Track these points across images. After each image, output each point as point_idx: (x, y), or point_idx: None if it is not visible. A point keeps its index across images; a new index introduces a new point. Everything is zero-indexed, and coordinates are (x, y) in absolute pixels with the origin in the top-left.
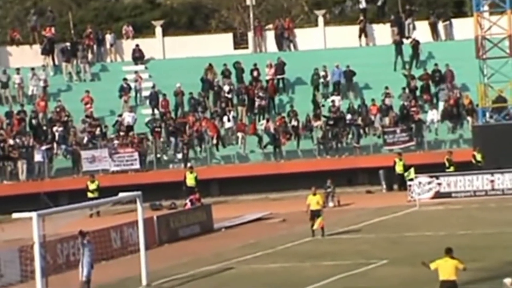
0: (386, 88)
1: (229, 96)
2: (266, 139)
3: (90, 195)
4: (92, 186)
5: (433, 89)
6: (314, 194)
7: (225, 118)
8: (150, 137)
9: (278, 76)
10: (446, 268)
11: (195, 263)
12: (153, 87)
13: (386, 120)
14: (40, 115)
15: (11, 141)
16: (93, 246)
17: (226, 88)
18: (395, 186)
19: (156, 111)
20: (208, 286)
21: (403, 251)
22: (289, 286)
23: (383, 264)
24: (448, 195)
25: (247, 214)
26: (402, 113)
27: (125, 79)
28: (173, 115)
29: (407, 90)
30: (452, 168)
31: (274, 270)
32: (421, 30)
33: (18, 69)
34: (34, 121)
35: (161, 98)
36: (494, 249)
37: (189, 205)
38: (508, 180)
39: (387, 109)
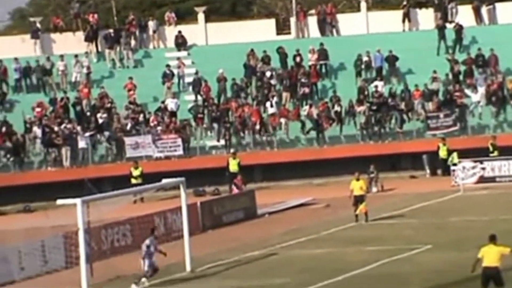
0: (434, 72)
1: (272, 82)
2: (309, 124)
3: (133, 181)
4: (136, 173)
5: (476, 74)
6: (358, 180)
7: (267, 104)
8: (193, 123)
9: (321, 62)
10: (489, 255)
11: (238, 249)
12: (196, 73)
13: (430, 105)
14: (84, 102)
15: (55, 128)
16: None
17: (268, 73)
18: (439, 171)
19: (199, 97)
20: (252, 272)
21: (447, 236)
22: (333, 271)
23: (427, 249)
24: (492, 179)
25: (290, 199)
26: (446, 97)
27: (168, 66)
28: (216, 101)
29: (450, 75)
30: (496, 153)
31: (318, 255)
32: (464, 14)
33: (61, 56)
34: (77, 108)
35: (203, 84)
36: None
37: (235, 189)
38: None
39: (431, 94)
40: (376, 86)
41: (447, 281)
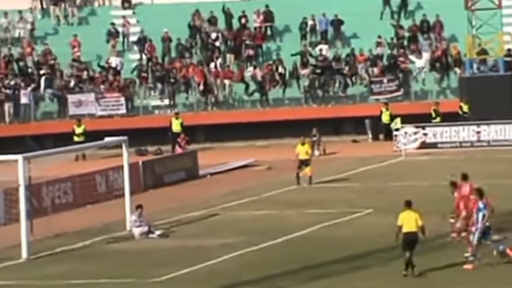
0: (379, 37)
1: (216, 43)
2: (253, 86)
3: (76, 139)
4: (79, 130)
5: (421, 40)
6: (303, 144)
7: (212, 65)
8: (137, 82)
9: (266, 24)
10: (408, 221)
11: (180, 209)
12: (141, 32)
13: (374, 70)
14: (27, 58)
15: None
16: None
17: (214, 35)
18: (381, 136)
19: (143, 57)
20: (193, 232)
21: (388, 201)
22: (274, 233)
23: (368, 213)
24: (434, 145)
25: (232, 161)
26: (390, 63)
27: (112, 24)
28: (160, 61)
29: (395, 40)
30: (438, 119)
31: (259, 217)
32: None
33: (5, 13)
34: (21, 64)
35: (148, 43)
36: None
37: (178, 149)
38: (494, 132)
39: (375, 59)
40: (320, 50)
41: (387, 245)
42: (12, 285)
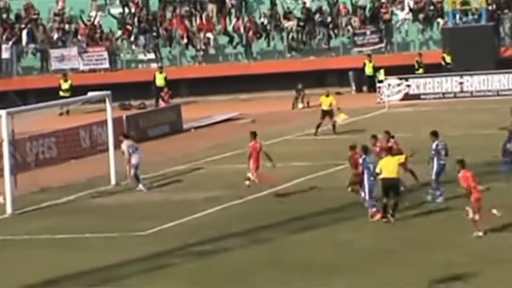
0: None
1: None
2: (236, 39)
3: (62, 94)
4: (65, 86)
5: None
6: (327, 96)
7: (194, 18)
8: (120, 35)
9: None
10: (388, 167)
11: (164, 163)
12: None
13: (356, 21)
14: (9, 11)
15: None
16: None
17: None
18: (365, 88)
19: (126, 10)
20: (178, 186)
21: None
22: (258, 186)
23: None
24: (417, 97)
25: (216, 114)
26: (372, 14)
27: None
28: (143, 13)
29: None
30: (421, 70)
31: (243, 170)
32: None
33: None
34: (3, 17)
35: None
36: (460, 150)
37: (162, 104)
38: (476, 83)
39: (357, 10)
40: (304, 2)
41: None
42: None
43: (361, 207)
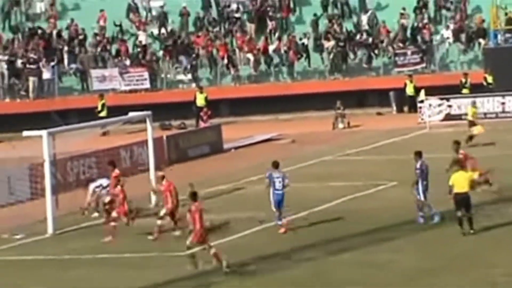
0: (403, 8)
1: (236, 15)
2: (276, 59)
3: (100, 114)
4: (100, 105)
5: (444, 11)
6: (474, 106)
7: (234, 39)
8: (161, 57)
9: None
10: (459, 182)
11: (204, 183)
12: (162, 6)
13: (397, 41)
14: (52, 32)
15: (22, 59)
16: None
17: (234, 6)
18: (406, 108)
19: (163, 31)
20: (218, 206)
21: (412, 173)
22: (298, 207)
23: (392, 185)
24: (458, 117)
25: (256, 134)
26: (414, 34)
27: None
28: (181, 34)
29: (418, 11)
30: (465, 90)
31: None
32: None
33: None
34: (45, 39)
35: (170, 17)
36: (502, 170)
37: (202, 124)
38: None
39: (399, 30)
40: (341, 22)
41: (411, 217)
42: (38, 259)
43: (399, 228)
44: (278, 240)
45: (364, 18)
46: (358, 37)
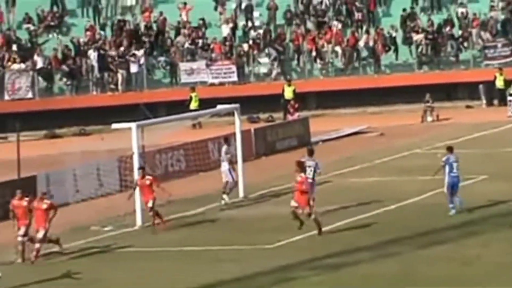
0: (493, 1)
1: (322, 7)
2: (364, 52)
3: (192, 107)
4: (194, 97)
5: None
6: None
7: (322, 31)
8: (248, 49)
9: None
10: None
11: (292, 176)
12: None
13: (487, 34)
14: (140, 25)
15: (112, 52)
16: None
17: None
18: (495, 101)
19: (250, 23)
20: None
21: (502, 167)
22: (386, 200)
23: (482, 179)
24: None
25: (344, 127)
26: (504, 27)
27: None
28: (269, 28)
29: (508, 4)
30: None
31: (372, 184)
32: None
33: None
34: (133, 32)
35: (257, 10)
36: None
37: (289, 116)
38: None
39: (488, 23)
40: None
41: (501, 211)
42: (127, 252)
43: (490, 221)
44: (366, 234)
45: (455, 11)
46: (447, 29)
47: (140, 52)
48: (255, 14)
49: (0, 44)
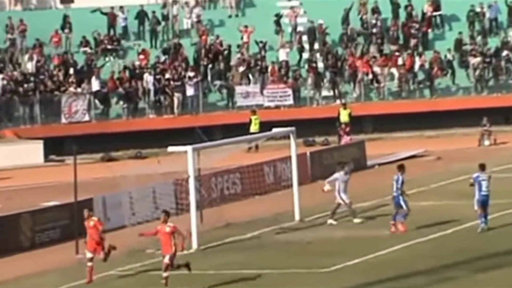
0: None
1: (374, 30)
2: (421, 75)
3: (252, 129)
4: (254, 120)
5: None
6: None
7: (377, 55)
8: (304, 73)
9: (435, 13)
10: None
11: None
12: (311, 22)
13: None
14: (198, 49)
15: (167, 75)
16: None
17: (374, 22)
18: None
19: (306, 47)
20: (361, 223)
21: None
22: (443, 224)
23: None
24: None
25: (401, 151)
26: None
27: (278, 15)
28: (326, 50)
29: None
30: None
31: (428, 208)
32: None
33: (175, 1)
34: (189, 55)
35: (317, 34)
36: None
37: (344, 140)
38: None
39: None
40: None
41: None
42: (183, 275)
43: None
44: (422, 258)
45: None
46: (504, 53)
47: (196, 75)
48: (311, 37)
49: (57, 67)
